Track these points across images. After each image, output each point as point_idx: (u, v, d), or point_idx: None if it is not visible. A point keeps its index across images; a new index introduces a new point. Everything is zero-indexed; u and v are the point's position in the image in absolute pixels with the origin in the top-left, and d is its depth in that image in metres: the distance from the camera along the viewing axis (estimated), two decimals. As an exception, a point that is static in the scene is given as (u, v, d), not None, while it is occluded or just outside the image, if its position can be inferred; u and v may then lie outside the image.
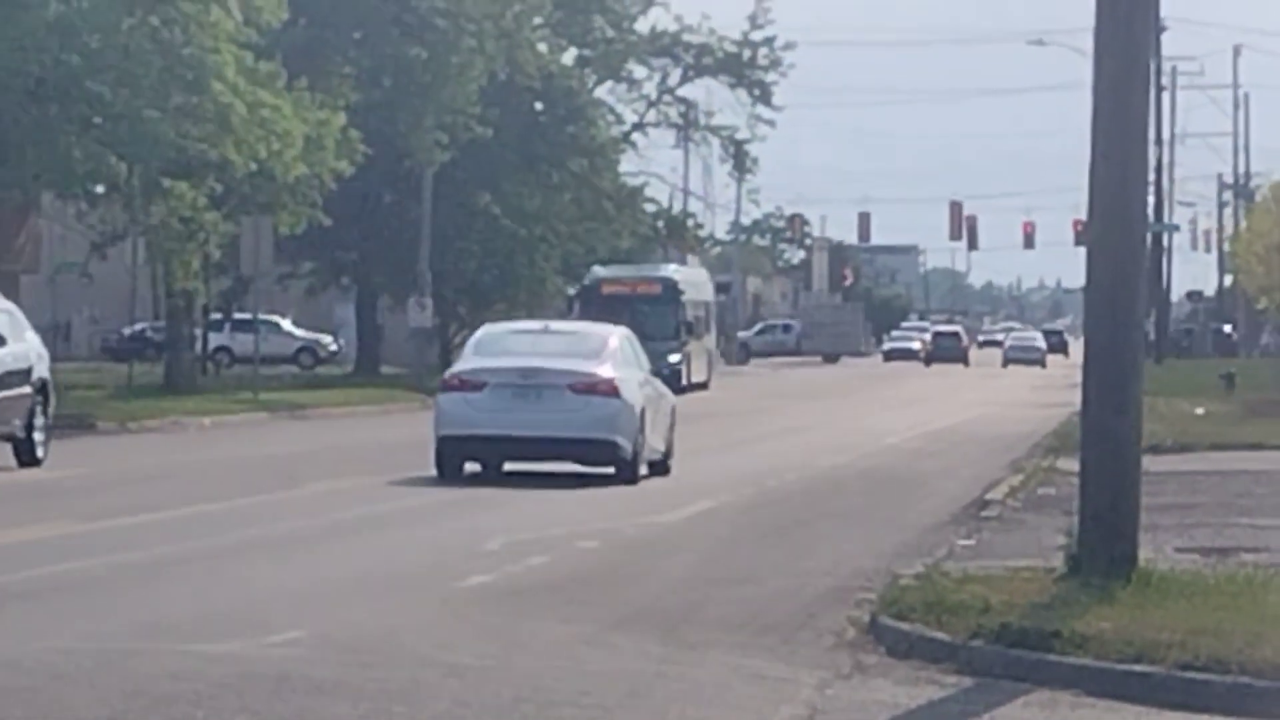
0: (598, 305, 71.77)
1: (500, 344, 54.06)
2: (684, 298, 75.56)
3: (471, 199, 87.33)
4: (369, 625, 20.12)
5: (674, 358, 69.74)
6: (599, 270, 78.33)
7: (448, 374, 55.78)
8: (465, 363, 52.44)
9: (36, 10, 56.23)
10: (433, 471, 43.38)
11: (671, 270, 76.48)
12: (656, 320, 71.30)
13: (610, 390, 48.66)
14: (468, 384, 50.72)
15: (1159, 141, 61.74)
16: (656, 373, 57.98)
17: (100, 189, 62.66)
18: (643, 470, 48.76)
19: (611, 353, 48.32)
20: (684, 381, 69.48)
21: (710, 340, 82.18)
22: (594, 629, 19.50)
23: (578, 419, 48.71)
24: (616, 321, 62.93)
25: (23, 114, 54.92)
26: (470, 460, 47.98)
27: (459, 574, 24.24)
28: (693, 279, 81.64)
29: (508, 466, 43.38)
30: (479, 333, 58.29)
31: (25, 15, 55.73)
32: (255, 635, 18.55)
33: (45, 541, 28.76)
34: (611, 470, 43.28)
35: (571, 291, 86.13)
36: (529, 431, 47.76)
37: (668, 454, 50.75)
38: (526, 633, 19.55)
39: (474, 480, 38.18)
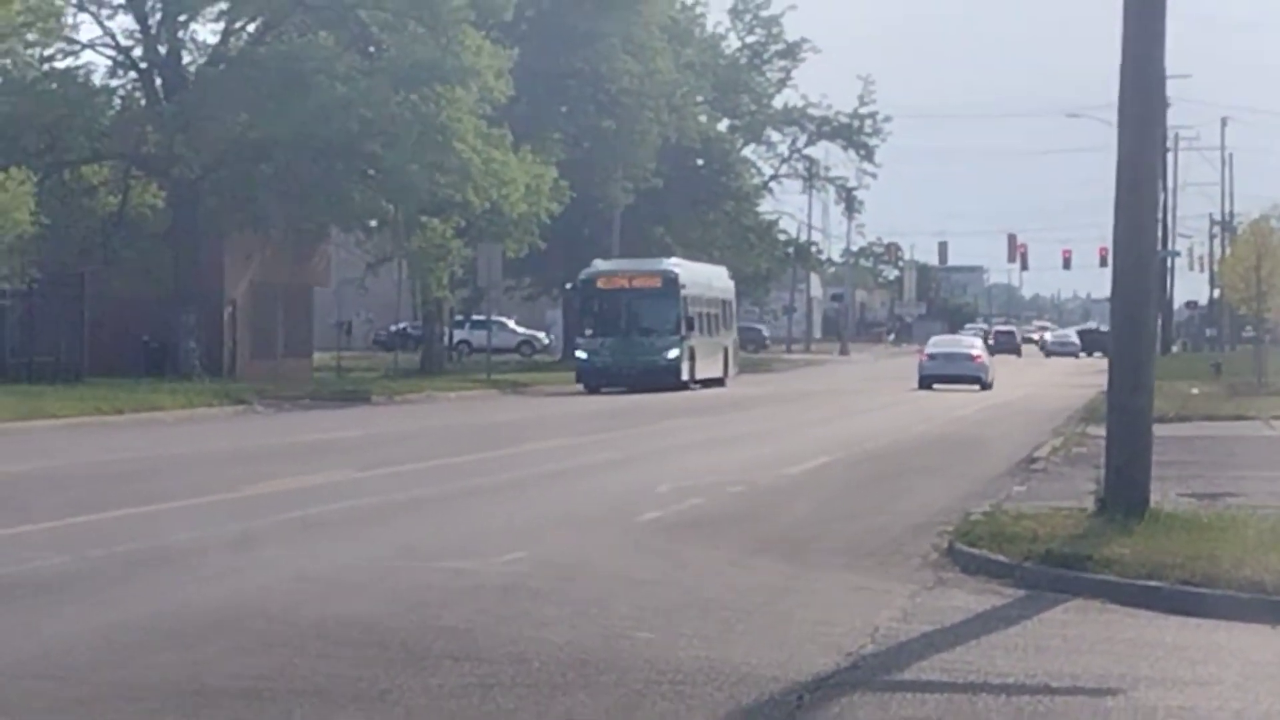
0: (595, 298, 62.89)
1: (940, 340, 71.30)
2: (685, 292, 62.62)
3: (649, 231, 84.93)
4: (571, 549, 20.09)
5: (671, 353, 60.92)
6: (598, 263, 65.90)
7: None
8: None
9: (326, 90, 57.89)
10: (620, 431, 39.73)
11: (672, 264, 64.43)
12: (653, 314, 61.85)
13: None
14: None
15: (1165, 189, 59.70)
16: (650, 367, 59.54)
17: (374, 224, 64.73)
18: None
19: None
20: (684, 377, 60.46)
21: (727, 337, 69.37)
22: (738, 554, 19.53)
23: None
24: (612, 315, 60.47)
25: (316, 168, 56.45)
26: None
27: (636, 511, 23.43)
28: (700, 275, 68.02)
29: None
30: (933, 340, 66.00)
31: (318, 94, 57.56)
32: (486, 556, 18.77)
33: (333, 485, 28.15)
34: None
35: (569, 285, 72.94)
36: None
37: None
38: (687, 556, 19.58)
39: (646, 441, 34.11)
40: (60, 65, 59.91)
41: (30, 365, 52.86)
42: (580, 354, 60.07)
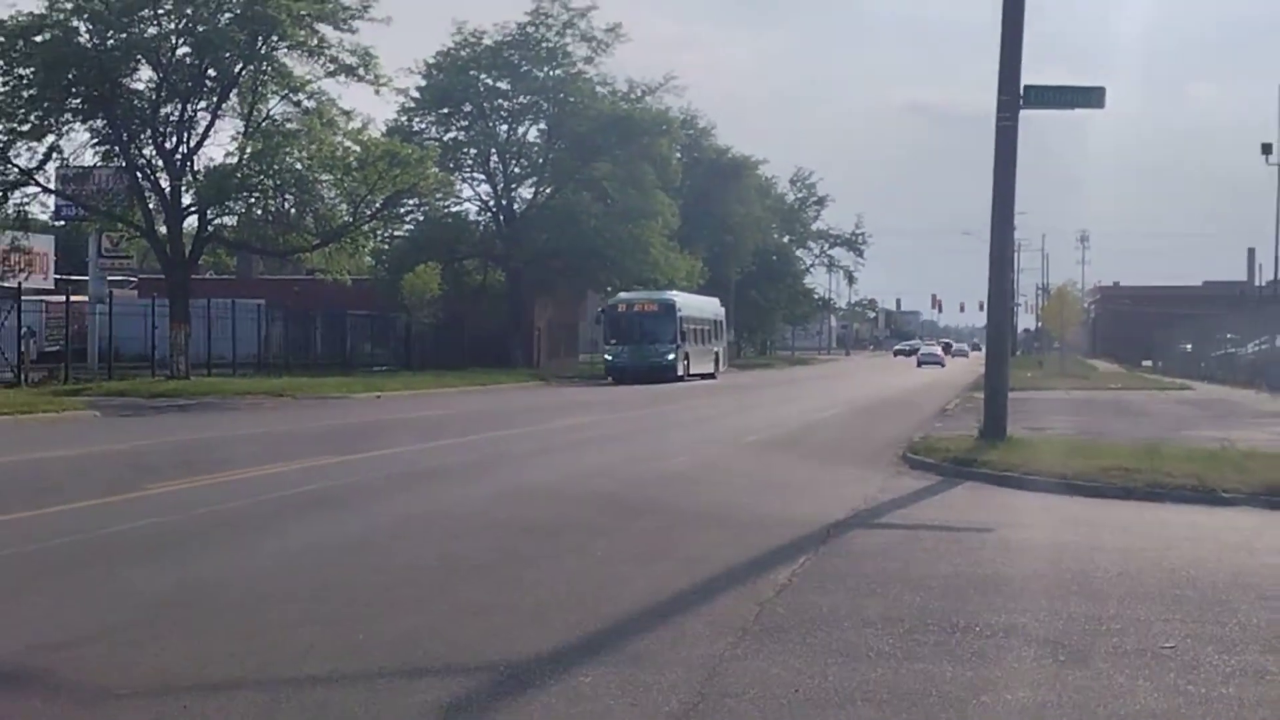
0: (619, 319, 55.29)
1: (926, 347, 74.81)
2: (681, 314, 55.27)
3: (747, 294, 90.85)
4: (710, 456, 20.38)
5: (669, 356, 53.55)
6: (621, 294, 58.88)
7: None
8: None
9: (585, 223, 60.76)
10: (700, 400, 39.20)
11: (671, 294, 56.83)
12: (657, 329, 53.85)
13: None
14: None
15: (1014, 269, 57.85)
16: (655, 365, 53.70)
17: (609, 289, 64.78)
18: None
19: None
20: (679, 373, 54.42)
21: (718, 345, 61.94)
22: (795, 458, 20.33)
23: None
24: (629, 331, 55.87)
25: (582, 262, 61.08)
26: None
27: (742, 436, 23.90)
28: (695, 302, 60.16)
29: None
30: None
31: (582, 224, 60.73)
32: (667, 459, 19.34)
33: (589, 423, 27.31)
34: None
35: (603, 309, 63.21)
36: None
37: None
38: (768, 458, 20.04)
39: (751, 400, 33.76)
40: (453, 210, 65.05)
41: (437, 363, 57.06)
42: (608, 356, 56.23)
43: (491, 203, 65.72)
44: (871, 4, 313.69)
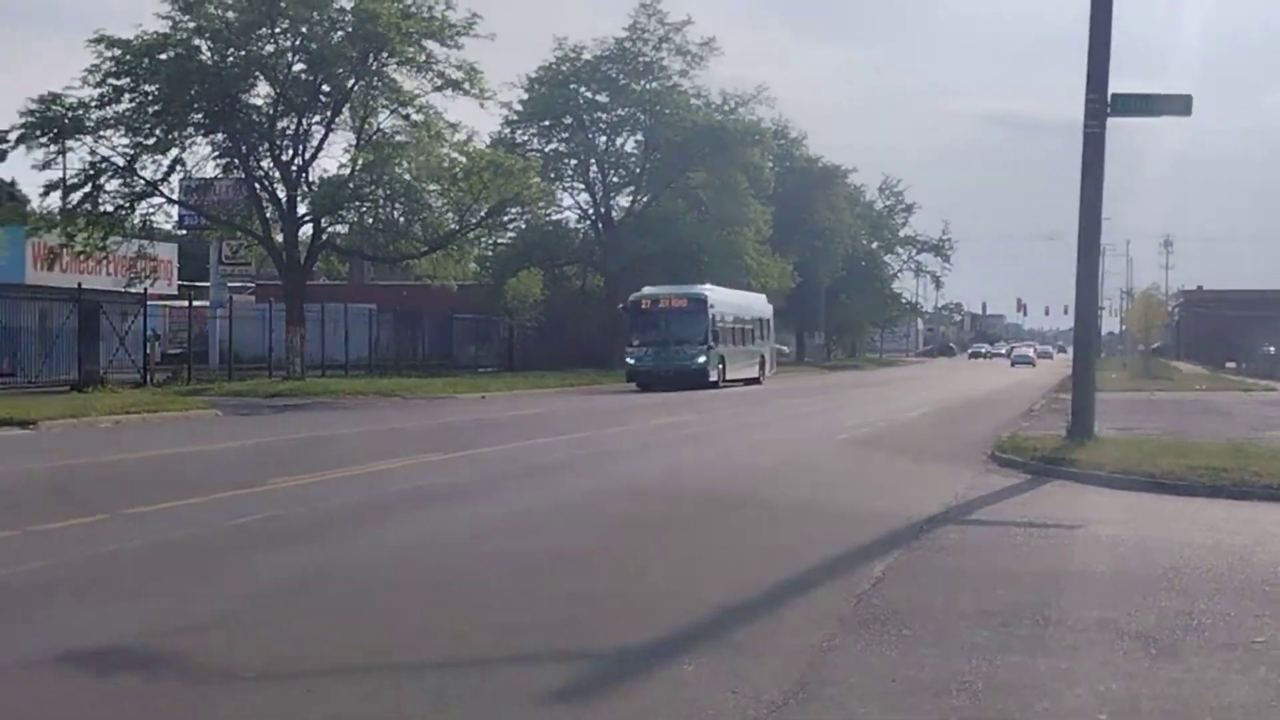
0: (642, 317, 47.31)
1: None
2: (714, 310, 47.25)
3: (837, 299, 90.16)
4: (800, 453, 20.15)
5: (700, 358, 45.77)
6: (646, 289, 51.10)
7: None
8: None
9: (680, 229, 60.53)
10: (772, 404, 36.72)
11: (702, 289, 49.01)
12: (685, 328, 45.76)
13: None
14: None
15: (1099, 275, 55.66)
16: (682, 369, 45.54)
17: None
18: None
19: None
20: (712, 377, 46.69)
21: (763, 346, 54.28)
22: (886, 455, 20.10)
23: None
24: (654, 329, 47.12)
25: (676, 267, 57.06)
26: None
27: (835, 435, 23.74)
28: (733, 298, 52.47)
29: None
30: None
31: (677, 231, 60.49)
32: (756, 457, 18.79)
33: (682, 422, 27.06)
34: None
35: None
36: None
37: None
38: (859, 456, 19.83)
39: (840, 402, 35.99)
40: (554, 218, 64.84)
41: (539, 365, 58.16)
42: (629, 360, 47.23)
43: (590, 211, 66.29)
44: (952, 16, 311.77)
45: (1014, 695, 6.42)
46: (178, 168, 43.75)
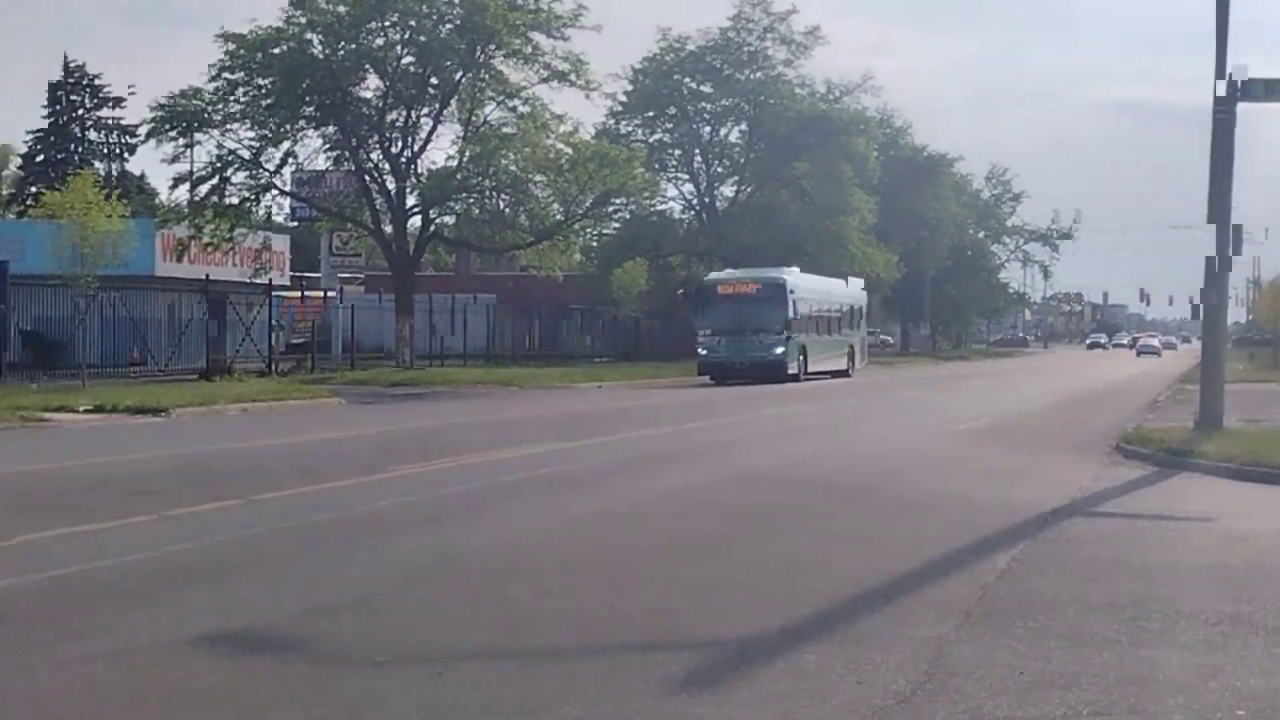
0: (713, 304, 43.03)
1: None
2: (795, 297, 42.90)
3: (944, 289, 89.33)
4: (920, 444, 20.15)
5: (777, 349, 41.75)
6: (714, 274, 47.73)
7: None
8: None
9: (784, 219, 59.40)
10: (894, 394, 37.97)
11: (780, 273, 44.81)
12: (759, 315, 41.64)
13: None
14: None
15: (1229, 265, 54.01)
16: (758, 361, 41.91)
17: None
18: None
19: None
20: (792, 370, 42.54)
21: (853, 336, 49.51)
22: (1006, 447, 19.98)
23: None
24: (726, 318, 43.06)
25: (780, 258, 52.84)
26: None
27: (952, 426, 23.82)
28: (817, 284, 47.70)
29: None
30: None
31: (781, 220, 59.13)
32: (875, 448, 16.32)
33: (801, 412, 27.49)
34: None
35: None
36: None
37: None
38: (980, 447, 19.99)
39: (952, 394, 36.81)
40: (658, 208, 63.45)
41: (645, 355, 59.25)
42: (701, 350, 43.72)
43: (695, 201, 66.46)
44: (1073, 4, 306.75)
45: (1147, 689, 6.32)
46: (290, 160, 44.57)
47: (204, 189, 43.16)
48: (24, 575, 8.58)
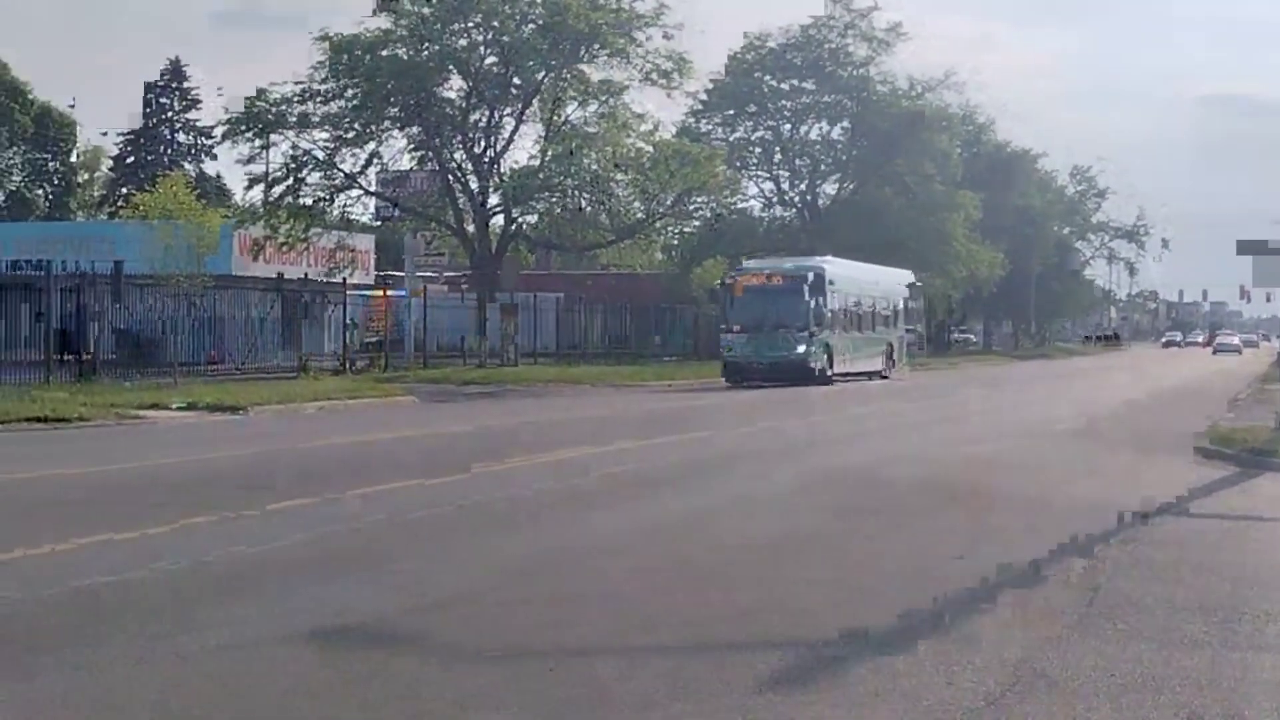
0: (738, 298, 39.60)
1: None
2: (832, 288, 39.85)
3: (1048, 285, 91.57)
4: (1012, 443, 19.92)
5: (800, 347, 38.28)
6: (746, 263, 44.69)
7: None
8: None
9: (887, 216, 60.03)
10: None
11: (812, 262, 41.34)
12: (783, 310, 38.26)
13: None
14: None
15: None
16: (778, 361, 38.47)
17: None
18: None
19: None
20: (815, 367, 38.82)
21: (891, 334, 45.55)
22: (1102, 446, 19.83)
23: None
24: (750, 313, 39.70)
25: (882, 256, 53.25)
26: None
27: (1050, 425, 23.70)
28: (856, 274, 43.98)
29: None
30: None
31: (884, 218, 59.71)
32: (969, 447, 17.89)
33: (887, 410, 28.00)
34: None
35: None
36: None
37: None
38: (1067, 447, 19.86)
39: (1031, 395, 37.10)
40: (739, 206, 63.82)
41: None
42: (723, 348, 40.69)
43: (793, 198, 66.63)
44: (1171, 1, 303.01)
45: (1239, 692, 6.31)
46: (375, 160, 45.39)
47: (279, 189, 44.06)
48: (138, 569, 8.79)
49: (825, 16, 63.61)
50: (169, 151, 76.79)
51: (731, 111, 64.24)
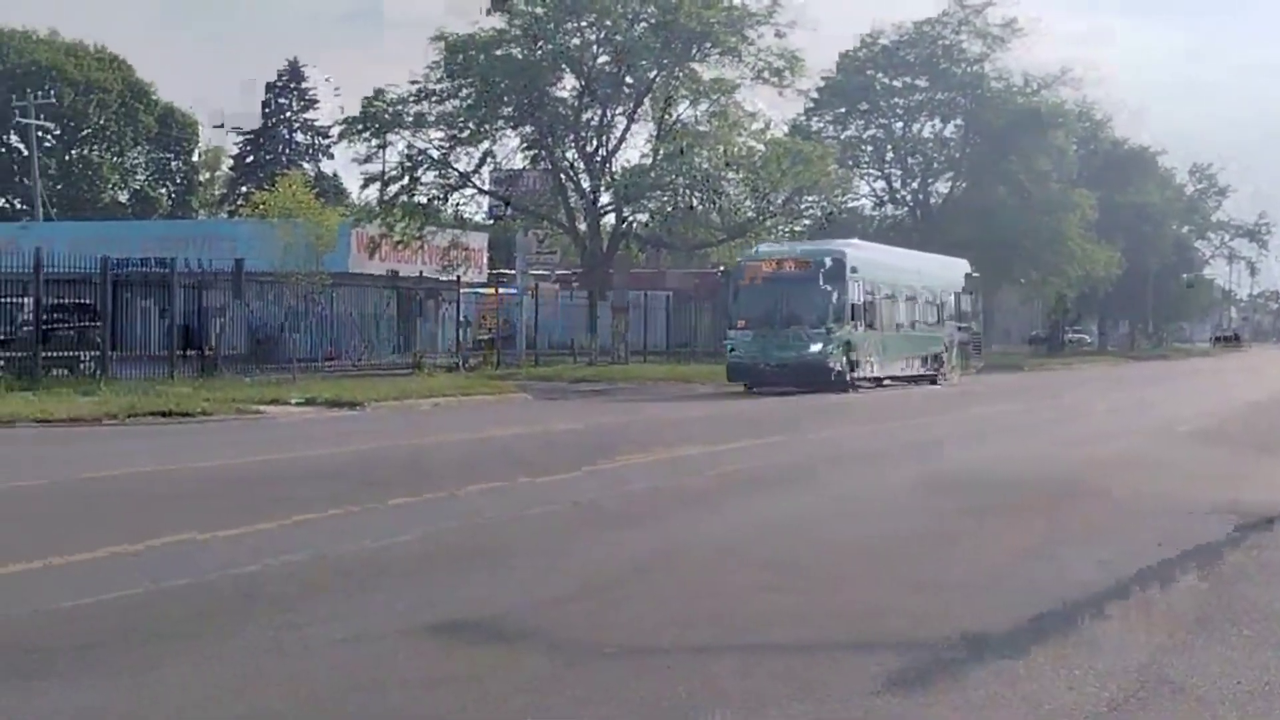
0: (745, 286, 34.28)
1: None
2: (855, 277, 33.54)
3: (1166, 285, 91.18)
4: (1135, 444, 19.34)
5: (815, 346, 32.68)
6: (761, 247, 38.56)
7: None
8: None
9: (1001, 215, 60.17)
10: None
11: (832, 246, 35.30)
12: (797, 303, 32.82)
13: None
14: None
15: None
16: (785, 362, 33.09)
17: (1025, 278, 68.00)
18: None
19: None
20: (834, 368, 33.06)
21: (942, 332, 39.34)
22: (1225, 448, 19.11)
23: None
24: (760, 306, 34.33)
25: (998, 254, 57.58)
26: None
27: (1173, 428, 22.87)
28: (893, 262, 38.34)
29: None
30: None
31: (1000, 217, 60.06)
32: (1090, 448, 17.07)
33: (1001, 412, 27.31)
34: None
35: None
36: None
37: None
38: (1192, 449, 19.07)
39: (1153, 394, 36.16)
40: (850, 205, 63.22)
41: None
42: (728, 346, 35.67)
43: (904, 196, 66.81)
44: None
45: (1372, 701, 6.53)
46: (488, 160, 45.92)
47: (394, 188, 44.79)
48: (262, 561, 8.97)
49: (940, 14, 63.86)
50: (287, 151, 78.11)
51: (843, 109, 64.23)
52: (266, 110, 77.69)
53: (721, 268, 45.44)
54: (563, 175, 46.63)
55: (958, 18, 62.76)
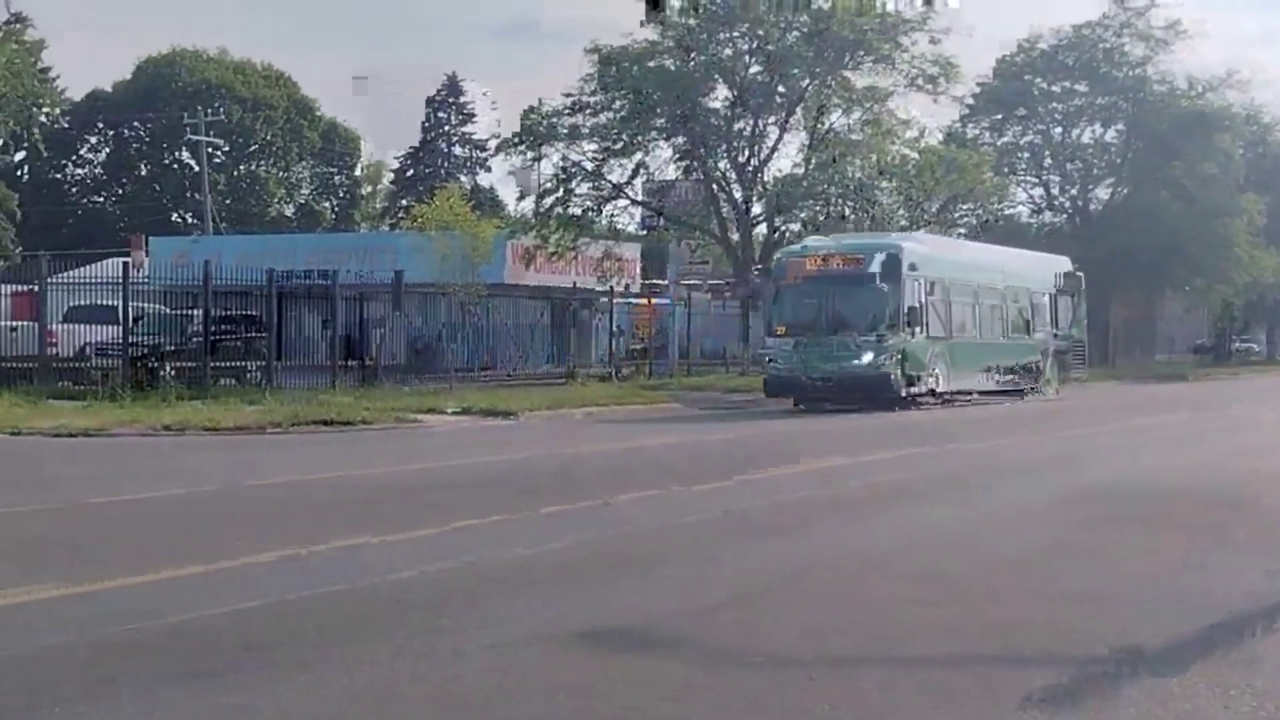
0: (790, 288, 29.21)
1: None
2: (917, 274, 28.64)
3: None
4: (1232, 469, 17.09)
5: (867, 356, 28.02)
6: (808, 240, 32.82)
7: None
8: None
9: (1162, 220, 58.01)
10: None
11: (889, 239, 30.57)
12: (848, 306, 28.24)
13: None
14: None
15: None
16: (829, 375, 28.76)
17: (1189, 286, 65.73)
18: None
19: None
20: (893, 384, 28.40)
21: (1027, 337, 33.83)
22: None
23: None
24: (802, 308, 29.81)
25: (1152, 261, 56.75)
26: None
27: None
28: (965, 258, 32.72)
29: None
30: None
31: (1159, 221, 57.83)
32: (1261, 459, 16.47)
33: (1161, 423, 25.90)
34: None
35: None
36: None
37: None
38: None
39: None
40: (1006, 212, 60.26)
41: None
42: (766, 358, 31.38)
43: (1063, 203, 65.36)
44: None
45: None
46: (641, 171, 46.26)
47: (549, 200, 45.17)
48: (416, 567, 9.14)
49: (1100, 17, 62.64)
50: (445, 164, 79.71)
51: (999, 115, 63.53)
52: (426, 125, 79.37)
53: (756, 269, 41.59)
54: (715, 185, 46.76)
55: (1119, 20, 61.60)
